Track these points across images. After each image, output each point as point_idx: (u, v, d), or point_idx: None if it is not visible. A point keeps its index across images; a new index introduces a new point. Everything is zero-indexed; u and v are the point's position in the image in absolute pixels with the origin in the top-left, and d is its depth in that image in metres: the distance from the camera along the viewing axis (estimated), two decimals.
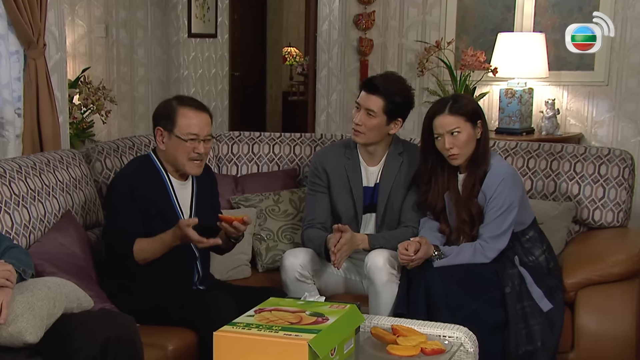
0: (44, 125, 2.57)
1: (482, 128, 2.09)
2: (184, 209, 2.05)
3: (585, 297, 2.10)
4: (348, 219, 2.24)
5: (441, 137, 2.06)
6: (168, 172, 2.04)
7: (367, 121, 2.16)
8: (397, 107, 2.17)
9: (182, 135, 1.97)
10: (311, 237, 2.21)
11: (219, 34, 4.87)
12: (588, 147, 2.49)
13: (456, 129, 2.04)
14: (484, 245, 2.05)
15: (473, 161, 2.08)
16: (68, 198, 2.12)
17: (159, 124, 2.01)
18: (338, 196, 2.25)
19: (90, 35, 4.17)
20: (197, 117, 1.99)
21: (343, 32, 4.00)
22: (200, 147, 1.98)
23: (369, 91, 2.17)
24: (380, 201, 2.22)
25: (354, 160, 2.25)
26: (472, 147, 2.07)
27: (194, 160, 1.99)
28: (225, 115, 5.06)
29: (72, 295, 1.66)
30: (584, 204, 2.41)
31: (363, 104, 2.17)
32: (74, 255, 1.95)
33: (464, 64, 3.51)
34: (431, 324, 1.76)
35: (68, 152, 2.29)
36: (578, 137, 3.58)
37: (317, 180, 2.28)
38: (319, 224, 2.23)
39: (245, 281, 2.36)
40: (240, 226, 1.97)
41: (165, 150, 2.00)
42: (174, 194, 2.03)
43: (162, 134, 2.00)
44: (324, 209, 2.25)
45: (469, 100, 2.14)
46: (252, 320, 1.54)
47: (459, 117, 2.05)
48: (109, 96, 3.81)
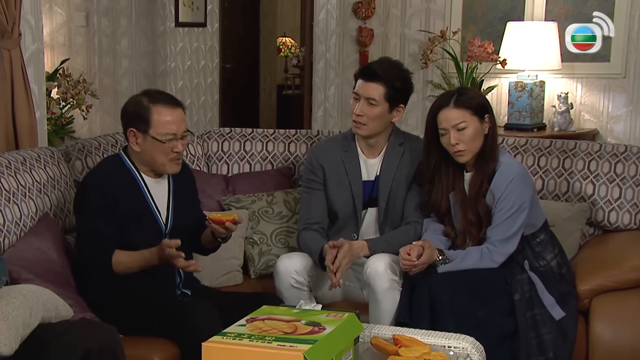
0: (19, 121, 2.57)
1: (489, 122, 2.09)
2: (160, 208, 2.04)
3: (600, 305, 2.10)
4: (346, 216, 2.24)
5: (446, 132, 2.06)
6: (140, 171, 2.03)
7: (368, 111, 2.17)
8: (398, 92, 2.18)
9: (158, 136, 1.96)
10: (307, 241, 2.21)
11: (208, 23, 4.87)
12: (603, 144, 2.49)
13: (462, 124, 2.04)
14: (491, 249, 2.06)
15: (481, 158, 2.08)
16: (46, 199, 2.12)
17: (130, 126, 1.99)
18: (335, 192, 2.25)
19: (69, 24, 4.17)
20: (173, 114, 1.98)
21: (341, 21, 4.01)
22: (179, 146, 1.98)
23: (368, 79, 2.17)
24: (382, 195, 2.22)
25: (352, 153, 2.25)
26: (480, 143, 2.07)
27: (172, 159, 2.00)
28: (215, 110, 5.06)
29: (50, 304, 1.66)
30: (598, 205, 2.42)
31: (363, 93, 2.17)
32: (52, 261, 1.95)
33: (471, 55, 3.52)
34: (435, 333, 1.77)
35: (46, 150, 2.29)
36: (593, 133, 3.59)
37: (312, 176, 2.27)
38: (316, 225, 2.23)
39: (237, 288, 2.36)
40: (232, 226, 1.98)
41: (140, 151, 2.00)
42: (149, 193, 2.03)
43: (135, 136, 1.98)
44: (320, 208, 2.26)
45: (475, 93, 2.14)
46: (243, 330, 1.53)
47: (465, 110, 2.05)
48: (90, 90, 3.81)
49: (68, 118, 3.83)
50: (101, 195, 1.95)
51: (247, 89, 6.23)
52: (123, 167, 2.03)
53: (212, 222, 1.98)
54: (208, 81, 4.94)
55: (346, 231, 2.25)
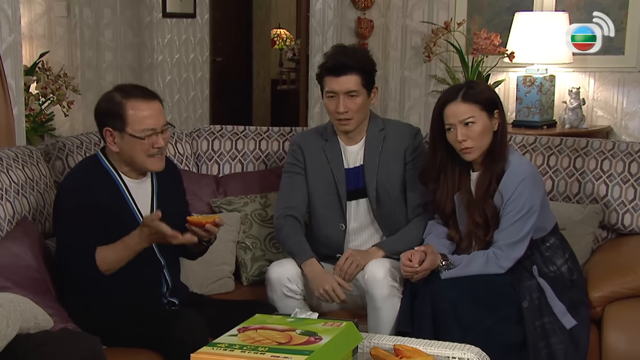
0: None
1: (499, 119, 2.10)
2: (143, 211, 2.04)
3: (613, 313, 2.10)
4: (330, 205, 2.27)
5: (453, 128, 2.06)
6: (120, 172, 2.03)
7: (351, 104, 2.20)
8: (370, 76, 2.24)
9: (136, 133, 1.95)
10: (289, 233, 2.23)
11: (198, 13, 4.86)
12: (617, 142, 2.50)
13: (470, 119, 2.05)
14: (498, 253, 2.06)
15: (489, 157, 2.08)
16: (24, 202, 2.11)
17: (105, 124, 1.98)
18: (316, 179, 2.29)
19: (49, 14, 4.16)
20: (149, 108, 1.96)
21: (339, 11, 4.01)
22: (160, 140, 1.97)
23: (339, 73, 2.19)
24: (369, 183, 2.25)
25: (332, 141, 2.30)
26: (488, 141, 2.07)
27: (154, 155, 1.99)
28: (205, 106, 5.06)
29: (29, 314, 1.65)
30: (612, 206, 2.42)
31: (339, 88, 2.20)
32: (31, 267, 1.95)
33: (477, 48, 3.53)
34: (438, 343, 1.77)
35: (24, 148, 2.28)
36: (606, 130, 3.60)
37: (293, 160, 2.32)
38: (295, 211, 2.26)
39: (228, 295, 2.36)
40: (213, 228, 1.97)
41: (119, 151, 1.99)
42: (130, 196, 2.03)
43: (112, 135, 1.97)
44: (302, 194, 2.30)
45: (485, 87, 2.15)
46: (234, 340, 1.54)
47: (474, 105, 2.05)
48: (72, 85, 3.80)
49: (48, 115, 3.82)
50: (79, 200, 1.94)
51: (239, 84, 6.24)
52: (101, 169, 2.02)
53: (192, 225, 1.97)
54: (198, 75, 4.94)
55: (332, 222, 2.28)
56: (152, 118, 1.96)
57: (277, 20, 7.33)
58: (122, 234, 1.96)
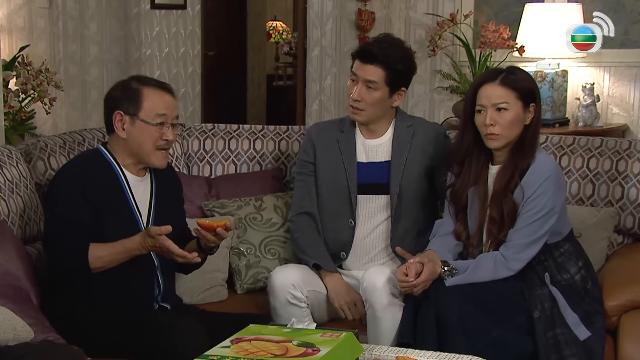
0: None
1: (534, 113, 2.10)
2: (141, 208, 2.06)
3: (629, 323, 2.11)
4: (338, 200, 2.28)
5: (484, 110, 2.07)
6: (122, 166, 2.06)
7: (367, 95, 2.21)
8: (399, 75, 2.22)
9: (149, 119, 2.01)
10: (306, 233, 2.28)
11: (188, 4, 4.86)
12: (633, 142, 2.50)
13: (503, 104, 2.05)
14: (507, 255, 2.06)
15: (516, 150, 2.08)
16: (2, 205, 2.11)
17: (117, 107, 2.03)
18: (325, 172, 2.30)
19: (29, 5, 4.15)
20: (165, 97, 2.07)
21: (339, 3, 4.02)
22: (169, 134, 2.04)
23: (365, 60, 2.21)
24: (394, 179, 2.26)
25: (348, 133, 2.31)
26: (516, 132, 2.08)
27: (161, 149, 2.04)
28: (196, 103, 5.05)
29: (7, 325, 1.65)
30: (628, 209, 2.43)
31: (361, 74, 2.21)
32: (10, 274, 1.94)
33: (484, 41, 3.53)
34: (443, 355, 1.77)
35: (3, 148, 2.28)
36: (622, 129, 3.61)
37: (305, 157, 2.36)
38: (312, 215, 2.30)
39: (221, 305, 2.36)
40: (224, 233, 1.99)
41: (126, 137, 2.03)
42: (130, 191, 2.05)
43: (122, 119, 2.02)
44: (315, 198, 2.33)
45: (526, 76, 2.14)
46: (227, 352, 1.54)
47: (511, 91, 2.06)
48: (54, 80, 3.80)
49: (28, 112, 3.82)
50: (77, 184, 1.97)
51: (232, 80, 6.24)
52: (103, 161, 2.05)
53: (202, 229, 1.98)
54: (188, 70, 4.93)
55: (340, 218, 2.29)
56: (166, 107, 2.04)
57: (273, 11, 7.35)
58: (117, 227, 1.97)
